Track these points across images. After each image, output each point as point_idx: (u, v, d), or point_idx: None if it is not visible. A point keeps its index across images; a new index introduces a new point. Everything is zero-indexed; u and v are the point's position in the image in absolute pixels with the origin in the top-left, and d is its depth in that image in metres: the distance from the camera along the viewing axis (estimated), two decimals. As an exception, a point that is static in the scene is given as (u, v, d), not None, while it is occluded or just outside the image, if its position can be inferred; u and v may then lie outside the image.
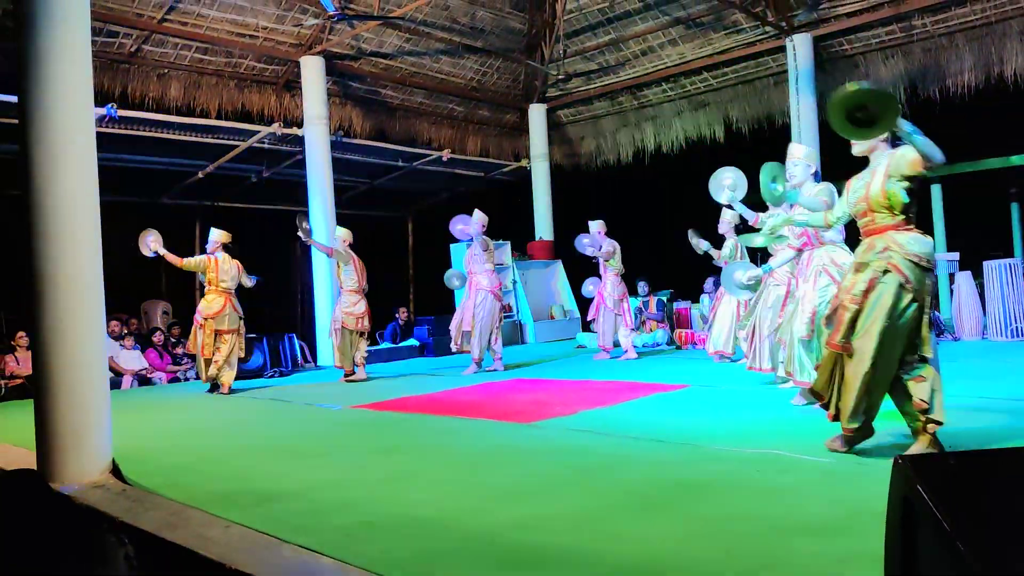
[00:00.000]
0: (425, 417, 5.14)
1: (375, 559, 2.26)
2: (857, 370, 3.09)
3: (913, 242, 3.10)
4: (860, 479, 2.90)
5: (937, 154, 3.01)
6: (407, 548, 2.42)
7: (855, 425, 3.18)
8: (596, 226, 7.98)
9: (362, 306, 7.43)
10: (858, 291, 3.12)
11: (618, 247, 7.90)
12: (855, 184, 3.35)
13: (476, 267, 7.53)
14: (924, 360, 3.09)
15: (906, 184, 3.12)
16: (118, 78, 8.77)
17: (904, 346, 3.08)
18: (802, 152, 4.59)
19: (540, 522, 2.61)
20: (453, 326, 7.58)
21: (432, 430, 4.68)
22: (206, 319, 6.95)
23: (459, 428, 4.64)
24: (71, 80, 3.59)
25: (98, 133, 3.86)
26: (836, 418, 3.25)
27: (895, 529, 1.46)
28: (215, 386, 7.03)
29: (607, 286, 7.96)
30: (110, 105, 7.98)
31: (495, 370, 7.42)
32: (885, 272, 3.09)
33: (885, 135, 3.21)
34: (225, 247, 7.32)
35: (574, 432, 4.20)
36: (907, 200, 3.13)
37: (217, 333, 6.95)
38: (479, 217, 7.49)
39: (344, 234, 7.65)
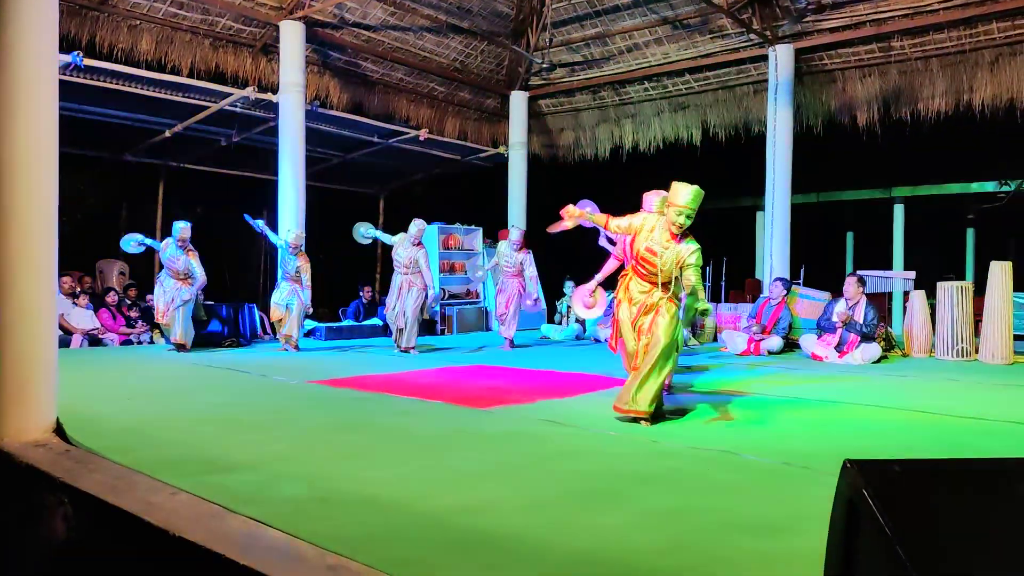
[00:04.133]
0: (383, 396, 5.11)
1: (324, 534, 2.24)
2: None
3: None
4: (807, 481, 2.98)
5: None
6: (357, 525, 2.40)
7: None
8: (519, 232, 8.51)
9: None
10: None
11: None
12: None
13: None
14: None
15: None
16: (86, 25, 8.44)
17: None
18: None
19: (491, 507, 2.62)
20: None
21: (389, 410, 4.65)
22: None
23: (417, 410, 4.63)
24: (35, 21, 3.43)
25: (61, 82, 3.71)
26: None
27: (838, 530, 1.50)
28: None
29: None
30: (76, 53, 7.69)
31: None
32: None
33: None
34: None
35: (531, 421, 4.22)
36: None
37: None
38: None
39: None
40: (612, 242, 7.10)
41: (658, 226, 4.21)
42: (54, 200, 3.53)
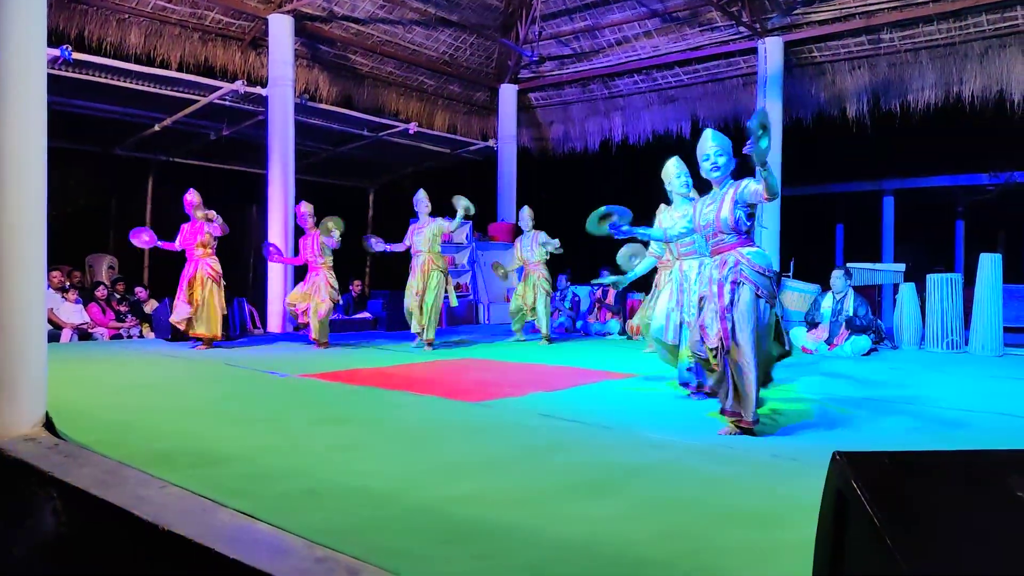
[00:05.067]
0: (374, 390, 5.10)
1: (314, 527, 2.23)
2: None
3: (756, 256, 3.63)
4: (797, 474, 2.99)
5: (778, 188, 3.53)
6: (348, 517, 2.40)
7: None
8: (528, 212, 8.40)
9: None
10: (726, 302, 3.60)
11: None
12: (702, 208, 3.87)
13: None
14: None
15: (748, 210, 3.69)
16: (75, 19, 8.38)
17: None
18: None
19: (483, 498, 2.62)
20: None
21: (381, 403, 4.65)
22: None
23: (408, 403, 4.62)
24: (23, 14, 3.39)
25: (50, 75, 3.68)
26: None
27: (827, 522, 1.51)
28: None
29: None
30: (64, 47, 7.61)
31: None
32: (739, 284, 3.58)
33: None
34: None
35: (522, 413, 4.22)
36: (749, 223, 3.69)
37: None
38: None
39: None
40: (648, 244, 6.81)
41: (703, 198, 4.01)
42: (43, 194, 3.50)
